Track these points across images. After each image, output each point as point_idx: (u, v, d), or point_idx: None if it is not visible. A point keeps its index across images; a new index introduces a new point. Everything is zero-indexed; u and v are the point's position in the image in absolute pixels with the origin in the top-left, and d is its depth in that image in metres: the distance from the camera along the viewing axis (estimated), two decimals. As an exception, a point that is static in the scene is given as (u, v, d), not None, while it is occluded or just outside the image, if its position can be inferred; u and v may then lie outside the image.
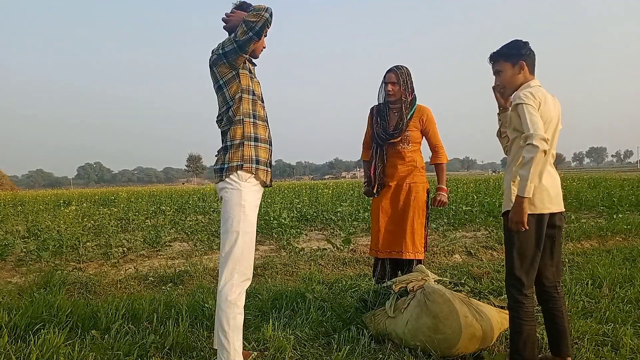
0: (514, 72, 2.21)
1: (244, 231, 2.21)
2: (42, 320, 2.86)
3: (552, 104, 2.17)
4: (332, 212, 8.87)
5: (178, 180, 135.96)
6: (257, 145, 2.31)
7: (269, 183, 2.39)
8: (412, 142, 3.25)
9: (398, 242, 3.23)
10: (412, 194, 3.23)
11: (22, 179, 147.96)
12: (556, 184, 2.19)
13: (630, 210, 8.87)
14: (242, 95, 2.27)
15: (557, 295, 2.22)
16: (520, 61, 2.19)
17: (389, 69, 3.24)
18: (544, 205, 2.11)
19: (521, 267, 2.13)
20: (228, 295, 2.17)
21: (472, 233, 6.92)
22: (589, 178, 18.49)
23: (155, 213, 10.55)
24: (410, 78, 3.24)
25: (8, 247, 5.69)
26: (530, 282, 2.15)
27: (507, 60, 2.22)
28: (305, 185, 20.49)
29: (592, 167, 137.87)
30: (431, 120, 3.30)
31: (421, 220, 3.25)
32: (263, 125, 2.36)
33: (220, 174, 2.25)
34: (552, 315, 2.22)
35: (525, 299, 2.12)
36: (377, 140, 3.27)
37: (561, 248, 2.26)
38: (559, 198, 2.19)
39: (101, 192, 21.47)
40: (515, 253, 2.14)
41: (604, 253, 5.12)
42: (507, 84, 2.26)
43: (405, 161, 3.24)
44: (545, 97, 2.13)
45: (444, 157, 3.39)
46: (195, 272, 4.50)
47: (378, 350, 2.54)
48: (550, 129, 2.14)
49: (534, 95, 2.08)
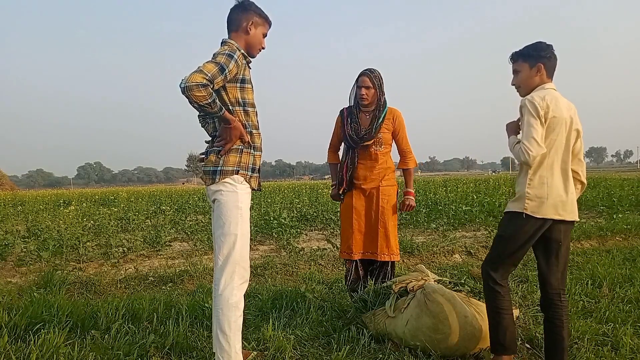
0: (531, 73, 2.21)
1: (241, 234, 2.21)
2: (42, 320, 2.86)
3: (566, 107, 2.16)
4: (332, 212, 8.87)
5: (178, 180, 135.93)
6: (255, 154, 2.33)
7: (258, 188, 2.40)
8: (385, 144, 3.24)
9: (372, 243, 3.20)
10: (385, 197, 3.21)
11: (22, 179, 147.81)
12: (570, 191, 2.17)
13: (630, 210, 8.87)
14: (234, 109, 2.24)
15: (560, 303, 2.19)
16: (538, 63, 2.19)
17: (361, 72, 3.19)
18: (554, 211, 2.10)
19: (502, 260, 2.20)
20: (229, 299, 2.16)
21: (472, 233, 6.92)
22: (589, 178, 18.36)
23: (155, 213, 10.55)
24: (382, 81, 3.22)
25: (8, 247, 5.70)
26: (506, 274, 2.22)
27: (526, 60, 2.22)
28: (305, 185, 20.51)
29: (592, 167, 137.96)
30: (401, 122, 3.29)
31: (394, 222, 3.23)
32: (257, 133, 2.36)
33: (213, 177, 2.21)
34: (551, 324, 2.20)
35: (501, 289, 2.18)
36: (349, 142, 3.22)
37: (568, 255, 2.23)
38: (573, 206, 2.16)
39: (101, 192, 21.48)
40: (502, 246, 2.19)
41: (604, 253, 5.13)
42: (522, 84, 2.26)
43: (378, 163, 3.22)
44: (557, 100, 2.13)
45: (412, 161, 3.39)
46: (195, 272, 4.50)
47: (378, 350, 2.55)
48: (562, 131, 2.13)
49: (543, 97, 2.09)
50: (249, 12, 2.29)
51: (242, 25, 2.28)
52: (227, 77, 2.12)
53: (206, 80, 1.97)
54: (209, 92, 2.00)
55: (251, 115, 2.32)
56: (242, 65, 2.23)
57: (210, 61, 2.08)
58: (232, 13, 2.30)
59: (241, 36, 2.29)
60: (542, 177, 2.12)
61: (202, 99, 1.97)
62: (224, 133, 2.20)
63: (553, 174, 2.13)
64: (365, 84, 3.15)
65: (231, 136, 2.19)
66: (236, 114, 2.25)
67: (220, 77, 2.07)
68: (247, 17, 2.28)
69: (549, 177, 2.12)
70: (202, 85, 1.96)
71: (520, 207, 2.13)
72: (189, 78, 1.94)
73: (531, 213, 2.10)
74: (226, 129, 2.18)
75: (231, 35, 2.30)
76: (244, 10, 2.29)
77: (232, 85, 2.23)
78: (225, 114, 2.13)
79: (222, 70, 2.07)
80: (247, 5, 2.30)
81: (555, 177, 2.13)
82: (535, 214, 2.09)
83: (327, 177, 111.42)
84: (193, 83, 1.94)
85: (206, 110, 2.05)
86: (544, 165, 2.13)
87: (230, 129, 2.18)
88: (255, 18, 2.31)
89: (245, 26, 2.28)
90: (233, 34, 2.30)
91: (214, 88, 2.06)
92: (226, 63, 2.09)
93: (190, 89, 1.94)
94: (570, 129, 2.17)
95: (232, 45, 2.23)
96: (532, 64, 2.20)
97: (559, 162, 2.15)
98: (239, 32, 2.29)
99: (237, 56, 2.17)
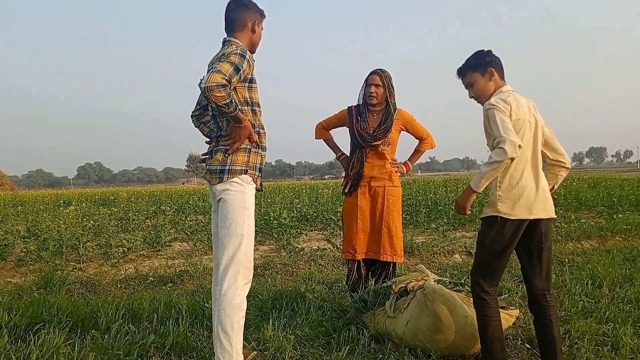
0: (485, 80, 2.22)
1: (247, 234, 2.21)
2: (42, 320, 2.86)
3: (526, 105, 2.17)
4: (332, 212, 8.87)
5: (178, 180, 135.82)
6: (262, 154, 2.33)
7: (260, 188, 2.40)
8: (392, 144, 3.25)
9: (375, 243, 3.20)
10: (391, 197, 3.21)
11: (22, 179, 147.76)
12: (542, 189, 2.15)
13: (630, 210, 8.86)
14: (243, 108, 2.24)
15: (547, 303, 2.20)
16: (488, 68, 2.20)
17: (372, 71, 3.20)
18: (528, 211, 2.09)
19: (487, 267, 2.18)
20: (233, 299, 2.15)
21: (472, 233, 6.92)
22: (589, 178, 18.47)
23: (155, 213, 10.55)
24: (392, 82, 3.22)
25: (8, 247, 5.70)
26: (494, 281, 2.19)
27: (476, 70, 2.23)
28: (305, 185, 20.49)
29: (592, 167, 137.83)
30: (409, 118, 3.31)
31: (398, 223, 3.22)
32: (264, 133, 2.36)
33: (221, 176, 2.20)
34: (542, 325, 2.21)
35: (488, 296, 2.16)
36: (358, 140, 3.22)
37: (551, 255, 2.23)
38: (546, 204, 2.15)
39: (101, 192, 21.46)
40: (484, 252, 2.17)
41: (604, 253, 5.12)
42: (480, 94, 2.26)
43: (386, 163, 3.23)
44: (518, 101, 2.13)
45: (429, 144, 3.39)
46: (195, 272, 4.51)
47: (378, 350, 2.55)
48: (527, 131, 2.13)
49: (505, 100, 2.09)
50: (251, 10, 2.30)
51: (248, 24, 2.28)
52: (241, 77, 2.13)
53: (225, 80, 1.98)
54: (228, 92, 2.00)
55: (258, 115, 2.33)
56: (253, 65, 2.24)
57: (225, 61, 2.07)
58: (233, 12, 2.28)
59: (246, 35, 2.29)
60: (512, 178, 2.12)
61: (221, 99, 1.98)
62: (233, 132, 2.19)
63: (523, 174, 2.12)
64: (375, 82, 3.16)
65: (240, 135, 2.19)
66: (245, 113, 2.24)
67: (236, 77, 2.08)
68: (251, 16, 2.29)
69: (519, 177, 2.12)
70: (222, 85, 1.96)
71: (493, 210, 2.12)
72: (209, 78, 1.94)
73: (505, 215, 2.09)
74: (236, 128, 2.18)
75: (235, 34, 2.28)
76: (246, 9, 2.29)
77: (241, 85, 2.23)
78: (238, 114, 2.13)
79: (237, 70, 2.07)
80: (247, 3, 2.30)
81: (525, 177, 2.12)
82: (509, 216, 2.08)
83: (327, 177, 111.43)
84: (213, 83, 1.94)
85: (223, 110, 2.04)
86: (512, 166, 2.11)
87: (241, 128, 2.18)
88: (258, 16, 2.32)
89: (250, 25, 2.28)
90: (237, 33, 2.28)
91: (231, 88, 2.06)
92: (240, 63, 2.10)
93: (211, 90, 1.93)
94: (537, 128, 2.18)
95: (238, 44, 2.22)
96: (483, 71, 2.21)
97: (529, 162, 2.15)
98: (244, 31, 2.29)
99: (249, 56, 2.18)
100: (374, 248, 3.20)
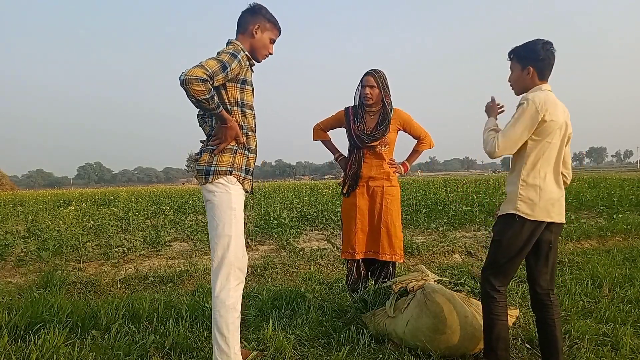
0: (522, 75, 2.19)
1: (235, 235, 2.21)
2: (42, 320, 2.86)
3: (562, 111, 2.15)
4: (332, 212, 8.87)
5: (178, 180, 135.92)
6: (249, 156, 2.33)
7: (250, 191, 2.40)
8: (389, 144, 3.25)
9: (375, 243, 3.20)
10: (389, 197, 3.21)
11: (22, 179, 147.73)
12: (561, 194, 2.18)
13: (630, 210, 8.87)
14: (232, 109, 2.25)
15: (550, 302, 2.20)
16: (528, 66, 2.16)
17: (366, 72, 3.19)
18: (546, 214, 2.11)
19: (501, 266, 2.17)
20: (226, 300, 2.16)
21: (472, 233, 6.92)
22: (589, 178, 18.49)
23: (155, 213, 10.55)
24: (387, 82, 3.21)
25: (8, 247, 5.70)
26: (506, 280, 2.19)
27: (519, 61, 2.20)
28: (305, 185, 20.49)
29: (592, 167, 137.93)
30: (406, 117, 3.30)
31: (398, 223, 3.22)
32: (253, 136, 2.36)
33: (207, 176, 2.21)
34: (544, 324, 2.21)
35: (498, 295, 2.16)
36: (356, 141, 3.22)
37: (556, 255, 2.25)
38: (562, 209, 2.18)
39: (101, 192, 21.47)
40: (499, 251, 2.17)
41: (604, 253, 5.12)
42: (514, 85, 2.26)
43: (383, 163, 3.23)
44: (555, 104, 2.11)
45: (427, 144, 3.39)
46: (195, 272, 4.50)
47: (378, 350, 2.55)
48: (558, 134, 2.13)
49: (545, 101, 2.06)
50: (257, 16, 2.31)
51: (249, 28, 2.29)
52: (229, 75, 2.12)
53: (206, 75, 1.97)
54: (208, 87, 1.99)
55: (248, 117, 2.32)
56: (245, 66, 2.24)
57: (212, 58, 2.08)
58: (242, 16, 2.32)
59: (247, 39, 2.31)
60: (535, 179, 2.11)
61: (200, 94, 1.97)
62: (219, 132, 2.20)
63: (546, 176, 2.12)
64: (369, 83, 3.15)
65: (226, 136, 2.19)
66: (233, 114, 2.25)
67: (222, 75, 2.07)
68: (255, 21, 2.30)
69: (542, 179, 2.11)
70: (202, 79, 1.95)
71: (512, 208, 2.12)
72: (189, 71, 1.94)
73: (524, 215, 2.09)
74: (222, 128, 2.18)
75: (238, 36, 2.32)
76: (253, 13, 2.31)
77: (232, 85, 2.23)
78: (223, 113, 2.13)
79: (224, 68, 2.07)
80: (257, 9, 2.31)
81: (547, 180, 2.12)
82: (528, 216, 2.09)
83: (327, 177, 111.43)
84: (192, 76, 1.94)
85: (203, 105, 2.04)
86: (537, 167, 2.11)
87: (226, 128, 2.18)
88: (264, 23, 2.32)
89: (251, 29, 2.29)
90: (240, 36, 2.32)
91: (214, 85, 2.06)
92: (229, 61, 2.10)
93: (189, 82, 1.93)
94: (565, 133, 2.17)
95: (237, 45, 2.24)
96: (523, 65, 2.18)
97: (552, 165, 2.14)
98: (245, 35, 2.31)
99: (241, 56, 2.18)
100: (373, 248, 3.20)
